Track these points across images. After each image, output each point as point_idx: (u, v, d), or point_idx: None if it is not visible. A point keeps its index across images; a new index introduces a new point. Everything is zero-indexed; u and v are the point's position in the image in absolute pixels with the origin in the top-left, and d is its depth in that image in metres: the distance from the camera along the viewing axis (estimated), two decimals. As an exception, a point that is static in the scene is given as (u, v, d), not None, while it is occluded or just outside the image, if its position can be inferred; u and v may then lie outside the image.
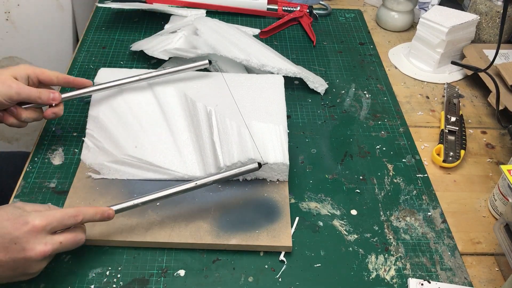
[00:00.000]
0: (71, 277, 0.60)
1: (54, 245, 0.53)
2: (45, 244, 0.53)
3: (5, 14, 1.21)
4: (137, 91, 0.77)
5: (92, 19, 1.07)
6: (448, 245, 0.67)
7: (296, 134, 0.82)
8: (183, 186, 0.63)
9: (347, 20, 1.13)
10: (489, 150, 0.83)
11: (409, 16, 1.09)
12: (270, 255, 0.64)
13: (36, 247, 0.52)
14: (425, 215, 0.70)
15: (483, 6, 0.99)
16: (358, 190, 0.73)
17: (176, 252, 0.64)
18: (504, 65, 0.89)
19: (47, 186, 0.70)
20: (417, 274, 0.63)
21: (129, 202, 0.61)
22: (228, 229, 0.65)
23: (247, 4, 1.10)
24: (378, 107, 0.88)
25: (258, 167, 0.65)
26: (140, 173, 0.71)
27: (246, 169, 0.65)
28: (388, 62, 1.01)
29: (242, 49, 0.87)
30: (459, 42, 0.97)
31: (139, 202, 0.61)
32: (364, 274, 0.63)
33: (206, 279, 0.61)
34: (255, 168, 0.65)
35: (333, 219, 0.69)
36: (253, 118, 0.73)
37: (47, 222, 0.53)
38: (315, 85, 0.90)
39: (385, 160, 0.78)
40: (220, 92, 0.78)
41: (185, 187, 0.63)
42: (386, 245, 0.66)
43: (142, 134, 0.73)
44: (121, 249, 0.63)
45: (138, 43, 0.95)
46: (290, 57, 0.99)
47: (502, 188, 0.69)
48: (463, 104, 0.92)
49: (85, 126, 0.75)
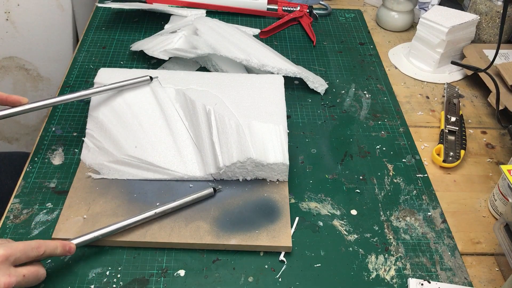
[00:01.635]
0: (71, 277, 0.60)
1: (18, 277, 0.52)
2: (9, 276, 0.51)
3: (5, 14, 1.21)
4: (137, 91, 0.77)
5: (92, 19, 1.07)
6: (448, 245, 0.67)
7: (296, 134, 0.82)
8: (142, 216, 0.63)
9: (347, 20, 1.13)
10: (489, 150, 0.83)
11: (409, 16, 1.09)
12: (270, 255, 0.64)
13: (0, 278, 0.50)
14: (425, 215, 0.70)
15: (483, 6, 0.99)
16: (358, 190, 0.73)
17: (176, 252, 0.64)
18: (504, 65, 0.89)
19: (47, 186, 0.70)
20: (417, 274, 0.63)
21: (90, 235, 0.60)
22: (228, 229, 0.65)
23: (247, 4, 1.10)
24: (378, 107, 0.88)
25: (213, 192, 0.67)
26: (140, 173, 0.71)
27: (202, 195, 0.67)
28: (388, 62, 1.01)
29: (242, 49, 0.87)
30: (459, 42, 0.97)
31: (100, 235, 0.61)
32: (364, 274, 0.63)
33: (206, 279, 0.61)
34: (210, 193, 0.67)
35: (333, 219, 0.69)
36: (253, 118, 0.73)
37: (11, 252, 0.51)
38: (315, 85, 0.90)
39: (385, 160, 0.78)
40: (219, 92, 0.78)
41: (143, 216, 0.63)
42: (386, 245, 0.66)
43: (142, 134, 0.73)
44: (121, 249, 0.63)
45: (138, 43, 0.95)
46: (290, 57, 0.99)
47: (502, 188, 0.69)
48: (463, 104, 0.92)
49: (85, 126, 0.75)
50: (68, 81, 0.90)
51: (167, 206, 0.65)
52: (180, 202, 0.66)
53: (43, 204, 0.68)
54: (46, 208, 0.67)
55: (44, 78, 1.33)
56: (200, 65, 0.94)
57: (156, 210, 0.64)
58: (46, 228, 0.65)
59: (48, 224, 0.65)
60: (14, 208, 0.67)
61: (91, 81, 0.89)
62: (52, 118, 0.81)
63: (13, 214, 0.66)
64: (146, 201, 0.68)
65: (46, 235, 0.64)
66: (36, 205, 0.68)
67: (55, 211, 0.67)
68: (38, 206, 0.68)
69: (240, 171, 0.70)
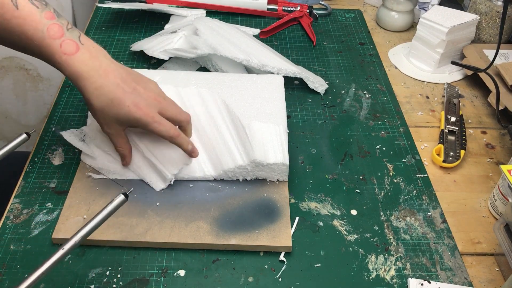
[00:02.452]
0: (71, 277, 0.60)
1: None
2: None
3: (5, 14, 1.21)
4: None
5: (92, 19, 1.07)
6: (448, 245, 0.67)
7: (296, 134, 0.82)
8: None
9: (347, 20, 1.13)
10: (489, 150, 0.83)
11: (409, 16, 1.09)
12: (270, 255, 0.64)
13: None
14: (425, 215, 0.70)
15: (483, 6, 0.99)
16: (358, 190, 0.73)
17: (176, 252, 0.64)
18: (504, 65, 0.89)
19: (47, 186, 0.70)
20: (417, 274, 0.63)
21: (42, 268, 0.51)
22: (228, 229, 0.65)
23: (247, 4, 1.10)
24: (378, 107, 0.88)
25: (125, 198, 0.56)
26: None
27: (115, 204, 0.55)
28: (388, 62, 1.01)
29: (242, 49, 0.87)
30: (459, 42, 0.97)
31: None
32: (364, 274, 0.63)
33: (206, 279, 0.61)
34: (123, 200, 0.56)
35: (333, 219, 0.69)
36: (253, 118, 0.73)
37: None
38: (315, 85, 0.90)
39: (385, 160, 0.78)
40: (220, 92, 0.78)
41: None
42: (386, 245, 0.66)
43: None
44: (121, 249, 0.63)
45: (138, 43, 0.95)
46: (290, 57, 0.99)
47: (502, 188, 0.69)
48: (463, 104, 0.92)
49: (85, 126, 0.75)
50: (68, 81, 0.89)
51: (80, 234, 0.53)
52: (92, 225, 0.53)
53: (43, 204, 0.68)
54: (46, 208, 0.67)
55: (44, 78, 1.33)
56: (200, 65, 0.94)
57: None
58: (46, 228, 0.65)
59: (48, 224, 0.65)
60: (14, 208, 0.67)
61: (91, 81, 0.89)
62: (52, 118, 0.81)
63: (13, 214, 0.66)
64: (146, 201, 0.68)
65: (46, 235, 0.64)
66: (36, 205, 0.68)
67: (55, 211, 0.67)
68: (38, 206, 0.68)
69: (240, 171, 0.70)
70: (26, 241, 0.63)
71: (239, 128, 0.72)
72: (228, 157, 0.70)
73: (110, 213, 0.55)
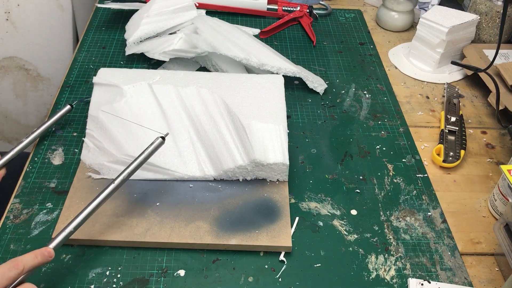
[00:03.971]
0: (71, 277, 0.60)
1: None
2: None
3: (5, 14, 1.21)
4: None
5: (92, 19, 1.07)
6: (448, 245, 0.67)
7: (296, 134, 0.82)
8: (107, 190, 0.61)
9: (347, 20, 1.13)
10: (489, 150, 0.83)
11: (409, 16, 1.09)
12: (270, 255, 0.64)
13: None
14: (425, 215, 0.70)
15: (483, 6, 0.99)
16: (358, 190, 0.73)
17: (176, 252, 0.64)
18: (504, 65, 0.89)
19: (47, 186, 0.70)
20: (417, 274, 0.63)
21: (62, 233, 0.57)
22: (228, 229, 0.65)
23: (247, 4, 1.10)
24: (378, 107, 0.88)
25: (162, 141, 0.65)
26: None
27: (154, 146, 0.65)
28: (388, 62, 1.01)
29: (241, 48, 0.87)
30: (459, 42, 0.97)
31: (72, 228, 0.57)
32: (364, 274, 0.63)
33: (206, 279, 0.61)
34: (160, 142, 0.65)
35: (333, 219, 0.69)
36: (253, 118, 0.73)
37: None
38: (314, 85, 0.90)
39: (385, 160, 0.78)
40: (220, 92, 0.78)
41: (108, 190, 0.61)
42: (386, 245, 0.66)
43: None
44: (121, 249, 0.63)
45: (131, 48, 0.94)
46: (290, 57, 0.99)
47: (502, 188, 0.69)
48: (463, 104, 0.92)
49: (85, 126, 0.75)
50: (68, 81, 0.90)
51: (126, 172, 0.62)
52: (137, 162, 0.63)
53: (43, 204, 0.68)
54: (46, 208, 0.67)
55: (44, 78, 1.34)
56: (200, 65, 0.94)
57: (116, 181, 0.62)
58: (46, 228, 0.65)
59: (48, 224, 0.65)
60: (14, 208, 0.67)
61: (91, 81, 0.89)
62: (52, 118, 0.81)
63: (13, 214, 0.66)
64: (146, 201, 0.68)
65: (46, 235, 0.64)
66: (36, 205, 0.68)
67: (55, 211, 0.67)
68: (38, 206, 0.68)
69: (240, 171, 0.70)
70: (26, 241, 0.63)
71: (239, 128, 0.72)
72: (228, 157, 0.70)
73: (149, 155, 0.64)
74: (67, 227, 0.58)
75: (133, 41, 0.94)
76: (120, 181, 0.62)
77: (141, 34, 0.94)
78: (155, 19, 0.95)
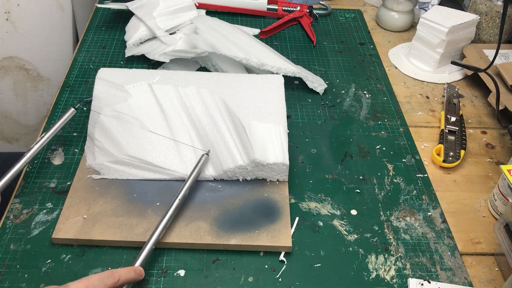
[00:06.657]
0: (71, 277, 0.60)
1: None
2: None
3: (5, 14, 1.21)
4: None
5: (92, 19, 1.07)
6: (448, 245, 0.67)
7: (296, 134, 0.82)
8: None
9: (347, 20, 1.13)
10: (489, 150, 0.83)
11: (409, 16, 1.09)
12: (270, 255, 0.64)
13: None
14: (425, 215, 0.70)
15: (483, 6, 0.99)
16: (358, 190, 0.73)
17: (176, 252, 0.64)
18: (504, 65, 0.89)
19: (47, 186, 0.70)
20: (417, 274, 0.63)
21: (144, 251, 0.60)
22: (228, 229, 0.65)
23: (247, 4, 1.10)
24: (378, 107, 0.88)
25: (207, 157, 0.70)
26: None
27: (202, 164, 0.69)
28: (388, 62, 1.01)
29: (241, 48, 0.87)
30: (459, 42, 0.97)
31: (152, 245, 0.60)
32: (364, 274, 0.63)
33: (206, 279, 0.61)
34: (206, 159, 0.70)
35: (333, 219, 0.69)
36: (253, 118, 0.73)
37: (88, 284, 0.52)
38: (314, 85, 0.90)
39: (385, 160, 0.78)
40: (220, 92, 0.78)
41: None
42: (386, 245, 0.66)
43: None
44: (121, 249, 0.63)
45: (131, 49, 0.94)
46: (290, 57, 0.99)
47: (502, 188, 0.69)
48: (463, 104, 0.92)
49: (85, 126, 0.75)
50: (68, 81, 0.90)
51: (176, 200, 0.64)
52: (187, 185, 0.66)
53: (43, 204, 0.68)
54: (46, 208, 0.67)
55: (44, 78, 1.33)
56: (200, 65, 0.94)
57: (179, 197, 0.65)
58: (46, 228, 0.65)
59: (48, 224, 0.65)
60: (14, 208, 0.67)
61: (91, 81, 0.89)
62: (52, 118, 0.81)
63: (13, 214, 0.66)
64: (146, 201, 0.68)
65: (46, 235, 0.64)
66: (36, 205, 0.68)
67: (55, 211, 0.67)
68: (38, 206, 0.68)
69: (240, 171, 0.70)
70: (26, 241, 0.63)
71: (239, 128, 0.72)
72: (228, 157, 0.70)
73: (198, 173, 0.68)
74: (147, 243, 0.60)
75: (133, 42, 0.94)
76: (182, 197, 0.65)
77: (141, 36, 0.94)
78: (156, 20, 0.95)
